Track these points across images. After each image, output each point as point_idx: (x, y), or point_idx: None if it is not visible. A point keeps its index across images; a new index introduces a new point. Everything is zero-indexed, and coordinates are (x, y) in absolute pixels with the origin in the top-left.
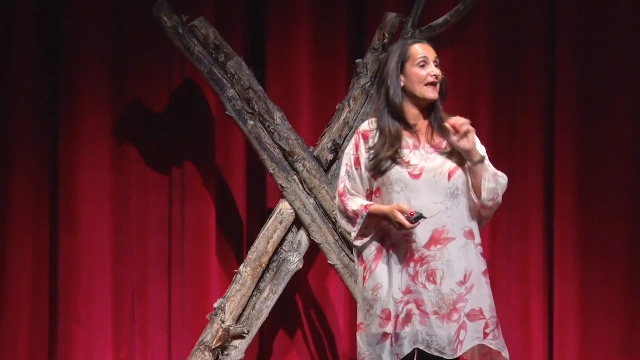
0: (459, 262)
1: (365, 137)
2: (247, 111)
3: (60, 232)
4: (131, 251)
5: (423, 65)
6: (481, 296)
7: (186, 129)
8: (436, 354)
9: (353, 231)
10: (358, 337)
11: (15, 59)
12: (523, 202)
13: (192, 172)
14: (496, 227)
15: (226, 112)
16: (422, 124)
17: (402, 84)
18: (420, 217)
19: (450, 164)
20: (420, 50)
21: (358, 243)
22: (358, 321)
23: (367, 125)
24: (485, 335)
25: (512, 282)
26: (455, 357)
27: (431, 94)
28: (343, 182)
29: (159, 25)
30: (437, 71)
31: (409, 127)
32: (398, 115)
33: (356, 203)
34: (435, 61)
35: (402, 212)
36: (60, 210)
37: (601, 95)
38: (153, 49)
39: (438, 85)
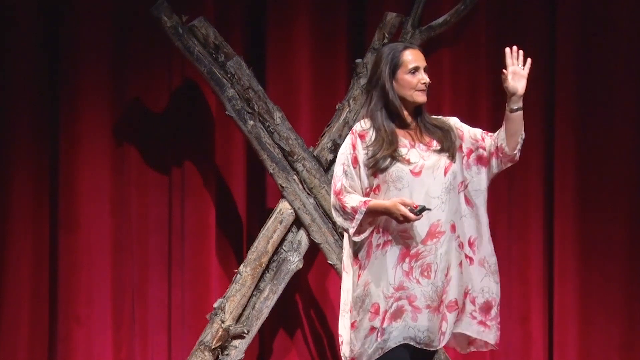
0: (447, 255)
1: (362, 137)
2: (247, 111)
3: (60, 232)
4: (131, 251)
5: (414, 73)
6: (455, 287)
7: (186, 129)
8: (424, 347)
9: (351, 227)
10: (352, 335)
11: (15, 59)
12: (523, 202)
13: (192, 172)
14: (496, 227)
15: (226, 112)
16: (412, 125)
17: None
18: (424, 209)
19: (445, 160)
20: (412, 58)
21: (357, 239)
22: (351, 320)
23: (361, 125)
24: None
25: (512, 282)
26: (439, 347)
27: (421, 98)
28: (340, 181)
29: (159, 25)
30: (427, 79)
31: (402, 127)
32: (396, 116)
33: (354, 200)
34: (425, 68)
35: (405, 205)
36: (60, 211)
37: (601, 95)
38: (153, 49)
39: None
